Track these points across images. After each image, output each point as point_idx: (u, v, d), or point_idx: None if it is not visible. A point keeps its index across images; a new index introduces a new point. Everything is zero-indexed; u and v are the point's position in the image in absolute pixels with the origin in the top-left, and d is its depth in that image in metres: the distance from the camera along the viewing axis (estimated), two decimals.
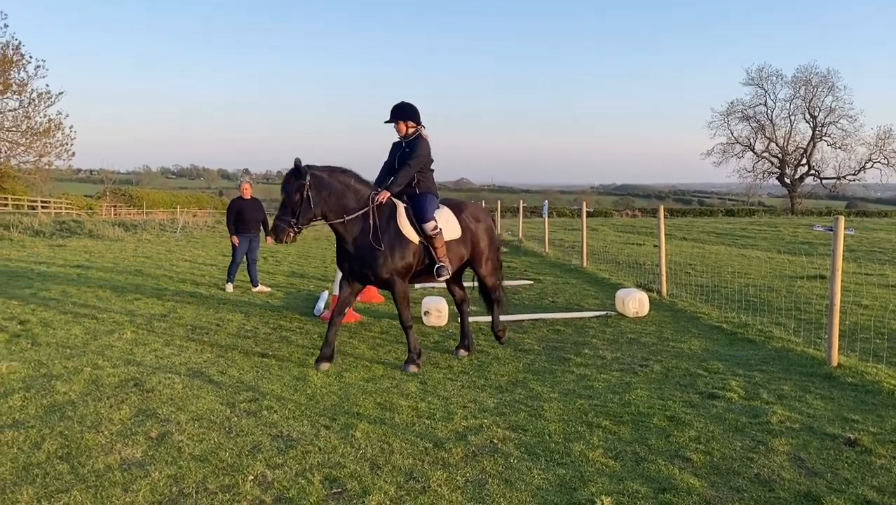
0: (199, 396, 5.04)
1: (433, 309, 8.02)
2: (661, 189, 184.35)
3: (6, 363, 5.74)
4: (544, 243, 17.87)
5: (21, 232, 21.17)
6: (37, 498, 3.36)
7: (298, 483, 3.60)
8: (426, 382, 5.59)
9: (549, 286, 11.42)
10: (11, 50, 40.86)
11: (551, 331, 7.71)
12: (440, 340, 7.20)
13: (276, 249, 18.96)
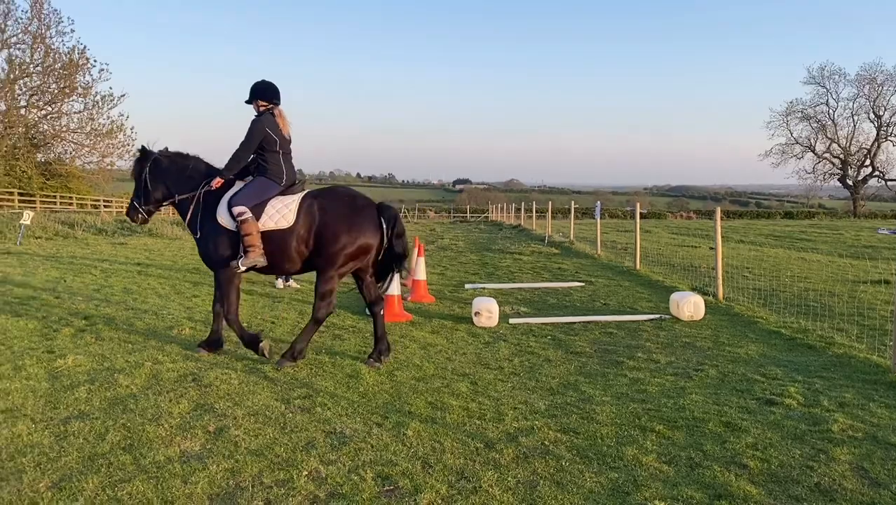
0: (255, 392, 5.15)
1: (483, 310, 8.02)
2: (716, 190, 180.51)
3: (72, 357, 5.96)
4: (596, 245, 17.69)
5: (85, 230, 21.90)
6: (102, 487, 3.48)
7: (351, 479, 3.65)
8: (476, 383, 5.59)
9: (601, 288, 11.30)
10: (77, 54, 42.39)
11: (603, 333, 7.63)
12: (490, 341, 7.20)
13: None
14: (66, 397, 4.89)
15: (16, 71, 40.56)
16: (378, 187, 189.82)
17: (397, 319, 8.17)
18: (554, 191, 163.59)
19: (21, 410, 4.60)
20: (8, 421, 4.39)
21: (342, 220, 5.99)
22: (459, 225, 43.80)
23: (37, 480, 3.54)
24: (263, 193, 6.07)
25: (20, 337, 6.74)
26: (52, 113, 43.27)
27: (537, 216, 31.82)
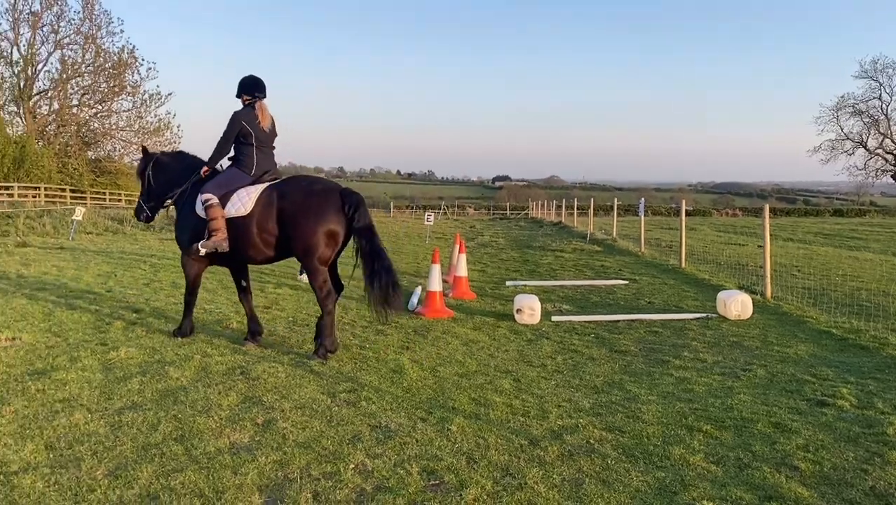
0: (302, 386, 5.22)
1: (525, 307, 8.00)
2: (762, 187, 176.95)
3: (124, 349, 6.12)
4: (639, 242, 17.49)
5: (134, 226, 22.42)
6: (156, 476, 3.58)
7: (397, 473, 3.68)
8: (520, 380, 5.59)
9: (646, 286, 11.18)
10: (126, 54, 43.46)
11: (648, 332, 7.55)
12: (533, 339, 7.18)
13: None
14: (119, 388, 5.03)
15: (68, 71, 41.77)
16: (417, 184, 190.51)
17: (439, 315, 8.20)
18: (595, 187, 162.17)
19: (77, 400, 4.75)
20: (66, 410, 4.53)
21: (299, 206, 6.09)
22: (499, 222, 43.72)
23: (94, 468, 3.65)
24: (232, 183, 6.34)
25: (75, 329, 6.95)
26: (102, 111, 44.48)
27: (578, 213, 31.60)
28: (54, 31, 41.10)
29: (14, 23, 39.88)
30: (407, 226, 33.52)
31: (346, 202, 6.18)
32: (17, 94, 40.82)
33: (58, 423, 4.30)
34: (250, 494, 3.40)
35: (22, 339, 6.40)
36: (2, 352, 5.96)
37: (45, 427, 4.22)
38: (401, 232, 27.81)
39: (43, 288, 9.45)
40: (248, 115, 6.38)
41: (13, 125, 40.90)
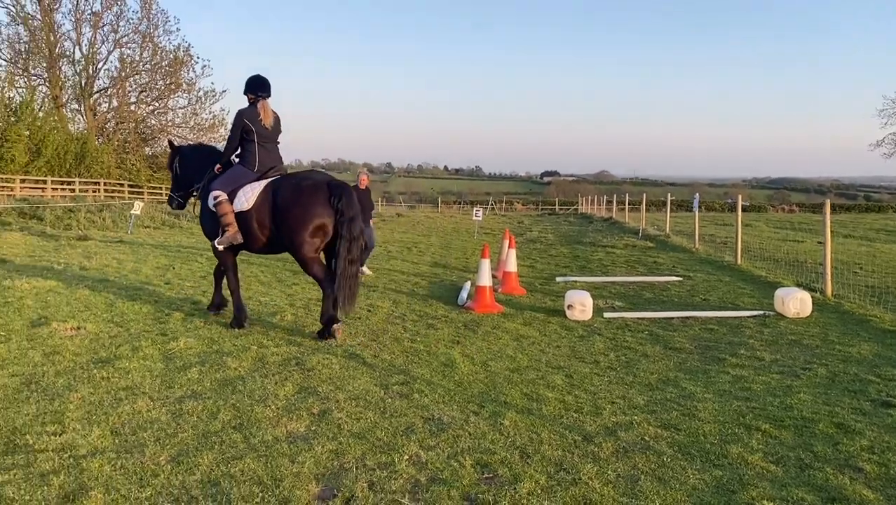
0: (355, 377, 5.29)
1: (577, 303, 7.94)
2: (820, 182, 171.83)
3: (183, 339, 6.29)
4: (693, 238, 17.18)
5: (189, 220, 22.95)
6: (216, 463, 3.67)
7: (451, 465, 3.70)
8: (572, 376, 5.55)
9: (700, 283, 10.98)
10: (182, 52, 44.47)
11: (703, 330, 7.41)
12: (585, 335, 7.12)
13: (418, 241, 19.48)
14: (179, 377, 5.17)
15: (127, 69, 42.93)
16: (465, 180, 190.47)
17: (489, 310, 8.20)
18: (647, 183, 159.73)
19: (140, 388, 4.90)
20: (129, 397, 4.68)
21: (290, 201, 6.38)
22: (548, 217, 43.43)
23: (157, 454, 3.76)
24: (238, 179, 6.71)
25: (136, 320, 7.16)
26: (159, 108, 45.60)
27: (630, 208, 31.18)
28: (114, 31, 42.32)
29: (76, 23, 41.20)
30: (455, 221, 33.58)
31: (333, 194, 6.39)
32: (78, 93, 42.15)
33: (122, 409, 4.44)
34: (307, 482, 3.46)
35: (86, 328, 6.63)
36: (68, 341, 6.18)
37: (111, 413, 4.36)
38: (449, 227, 27.87)
39: (104, 280, 9.76)
40: (251, 114, 6.70)
41: (75, 122, 42.32)
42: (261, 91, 6.80)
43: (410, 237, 21.18)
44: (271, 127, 6.80)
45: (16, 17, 38.74)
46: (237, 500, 3.26)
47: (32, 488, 3.32)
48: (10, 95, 31.02)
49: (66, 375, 5.16)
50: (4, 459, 3.65)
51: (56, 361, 5.52)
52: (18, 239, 15.63)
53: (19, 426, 4.12)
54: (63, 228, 18.87)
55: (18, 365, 5.40)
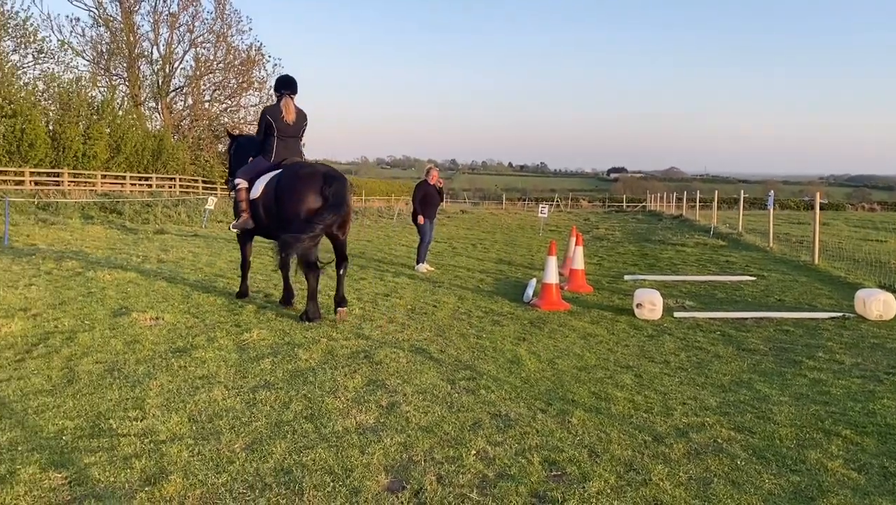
0: (422, 371, 5.33)
1: (646, 302, 7.80)
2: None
3: (256, 331, 6.46)
4: (768, 237, 16.65)
5: None
6: (289, 452, 3.76)
7: (519, 462, 3.69)
8: (641, 376, 5.46)
9: (775, 283, 10.63)
10: (254, 51, 45.58)
11: (778, 331, 7.18)
12: (654, 335, 6.99)
13: (482, 238, 19.47)
14: (253, 368, 5.32)
15: (201, 68, 44.26)
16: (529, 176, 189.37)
17: (555, 308, 8.14)
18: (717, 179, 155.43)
19: (216, 377, 5.05)
20: (205, 386, 4.84)
21: (287, 189, 6.80)
22: (615, 215, 42.79)
23: (232, 442, 3.88)
24: (256, 169, 7.31)
25: (211, 311, 7.39)
26: (232, 106, 46.86)
27: (700, 206, 30.43)
28: (190, 31, 43.69)
29: (154, 24, 42.71)
30: (519, 218, 33.44)
31: (326, 182, 6.71)
32: (156, 91, 43.69)
33: (199, 398, 4.59)
34: (377, 473, 3.51)
35: (164, 319, 6.88)
36: (147, 331, 6.43)
37: (188, 401, 4.52)
38: (513, 224, 27.78)
39: (181, 272, 10.11)
40: (273, 110, 7.32)
41: (152, 120, 43.87)
42: (285, 89, 7.36)
43: (475, 234, 21.20)
44: (293, 123, 7.32)
45: (98, 19, 40.45)
46: (309, 488, 3.33)
47: (116, 471, 3.47)
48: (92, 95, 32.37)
49: (146, 364, 5.36)
50: (90, 442, 3.82)
51: (136, 350, 5.75)
52: (100, 232, 16.34)
53: (103, 411, 4.31)
54: (141, 222, 19.63)
55: (102, 353, 5.65)
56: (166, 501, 3.18)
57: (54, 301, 7.62)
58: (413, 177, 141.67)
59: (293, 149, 7.40)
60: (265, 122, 7.32)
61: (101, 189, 27.34)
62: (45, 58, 33.03)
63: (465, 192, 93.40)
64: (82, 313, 7.06)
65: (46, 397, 4.53)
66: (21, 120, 24.77)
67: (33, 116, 25.57)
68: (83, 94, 30.75)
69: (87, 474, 3.41)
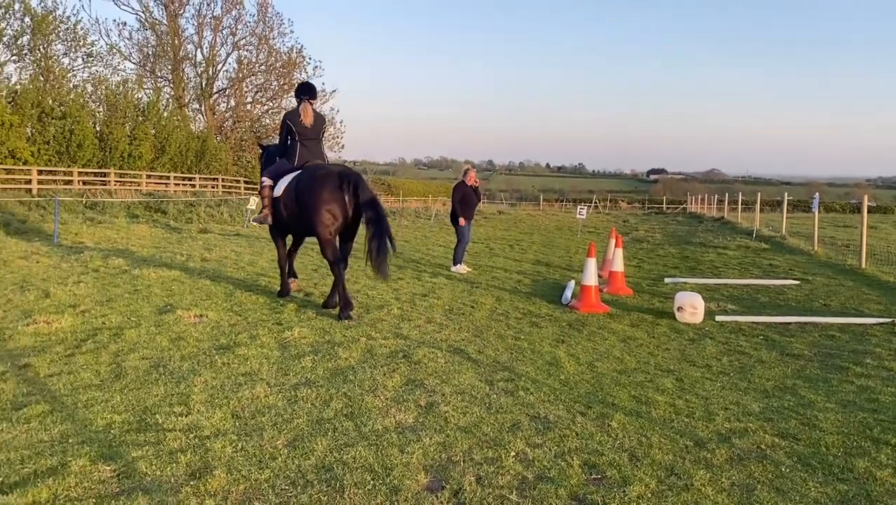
0: (460, 372, 5.35)
1: (687, 305, 7.70)
2: None
3: (297, 329, 6.54)
4: (812, 240, 16.29)
5: None
6: (329, 449, 3.81)
7: (558, 464, 3.68)
8: (682, 380, 5.40)
9: (820, 287, 10.40)
10: (295, 53, 46.12)
11: (824, 336, 7.03)
12: (695, 338, 6.90)
13: (520, 238, 19.42)
14: (294, 365, 5.39)
15: (244, 70, 44.94)
16: (567, 177, 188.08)
17: (594, 310, 8.09)
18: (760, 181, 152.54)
19: (258, 375, 5.14)
20: (248, 383, 4.92)
21: (305, 189, 7.17)
22: (654, 216, 42.29)
23: (274, 438, 3.94)
24: (280, 170, 7.72)
25: (253, 309, 7.51)
26: (273, 108, 47.43)
27: (742, 208, 29.91)
28: (233, 34, 44.38)
29: (199, 27, 43.47)
30: (557, 219, 33.26)
31: (344, 181, 7.07)
32: (199, 93, 44.48)
33: (241, 394, 4.67)
34: (416, 472, 3.53)
35: (208, 316, 7.01)
36: (191, 328, 6.56)
37: (231, 397, 4.60)
38: (551, 225, 27.64)
39: (224, 270, 10.29)
40: (293, 115, 7.67)
41: (195, 121, 44.65)
42: (304, 94, 7.76)
43: (512, 235, 21.15)
44: (311, 126, 7.69)
45: (145, 22, 41.35)
46: (350, 486, 3.37)
47: (163, 465, 3.55)
48: (138, 97, 33.09)
49: (191, 360, 5.48)
50: (138, 436, 3.92)
51: (181, 347, 5.88)
52: (145, 231, 16.70)
53: (150, 406, 4.42)
54: (185, 221, 20.01)
55: (148, 349, 5.78)
56: (211, 495, 3.25)
57: (102, 298, 7.82)
58: (450, 178, 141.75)
59: (314, 151, 7.77)
60: (286, 127, 7.70)
61: (146, 189, 27.94)
62: (94, 61, 33.89)
63: (502, 192, 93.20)
64: (129, 310, 7.23)
65: (95, 392, 4.66)
66: (70, 121, 25.45)
67: (82, 118, 26.25)
68: (130, 96, 31.45)
69: (134, 468, 3.50)
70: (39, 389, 4.69)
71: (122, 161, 28.88)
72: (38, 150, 23.72)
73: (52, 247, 12.78)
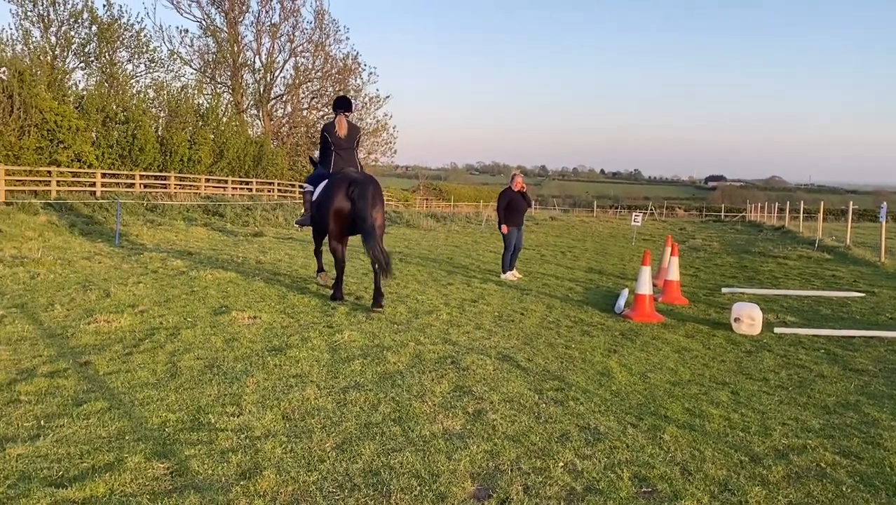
0: (509, 380, 5.30)
1: (745, 316, 7.49)
2: None
3: (347, 332, 6.60)
4: (879, 251, 15.70)
5: None
6: (377, 453, 3.82)
7: (608, 476, 3.61)
8: (738, 393, 5.25)
9: (887, 300, 10.00)
10: (350, 59, 46.71)
11: (890, 351, 6.75)
12: (753, 350, 6.71)
13: (572, 245, 19.23)
14: (343, 368, 5.43)
15: (300, 77, 45.72)
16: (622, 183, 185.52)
17: (648, 320, 7.94)
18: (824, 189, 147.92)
19: (308, 377, 5.19)
20: (298, 385, 4.98)
21: (326, 192, 8.20)
22: (712, 224, 41.37)
23: (323, 441, 3.97)
24: (319, 178, 8.68)
25: (305, 312, 7.61)
26: (328, 114, 48.05)
27: (804, 217, 29.03)
28: (290, 41, 45.18)
29: (257, 34, 44.43)
30: (611, 226, 32.83)
31: (351, 186, 7.90)
32: (257, 99, 45.41)
33: (292, 396, 4.73)
34: (463, 480, 3.51)
35: (261, 318, 7.13)
36: (245, 329, 6.67)
37: (282, 399, 4.66)
38: (605, 232, 27.30)
39: (277, 273, 10.45)
40: (329, 127, 8.63)
41: (253, 127, 45.60)
42: (340, 108, 8.73)
43: (564, 241, 20.96)
44: (345, 136, 8.60)
45: (206, 29, 42.44)
46: (396, 491, 3.37)
47: (214, 464, 3.62)
48: (198, 102, 33.93)
49: (244, 361, 5.57)
50: (190, 435, 4.00)
51: (235, 347, 5.98)
52: (203, 233, 17.10)
53: (203, 406, 4.50)
54: (241, 225, 20.42)
55: (202, 349, 5.90)
56: (260, 495, 3.28)
57: (160, 298, 8.03)
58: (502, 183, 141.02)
59: (348, 159, 8.66)
60: (323, 138, 8.63)
61: (204, 192, 28.62)
62: (156, 67, 34.90)
63: (554, 198, 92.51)
64: (185, 311, 7.41)
65: (151, 390, 4.77)
66: (133, 126, 26.24)
67: (144, 122, 27.05)
68: (190, 102, 32.28)
69: (187, 466, 3.57)
70: (99, 386, 4.83)
71: (182, 165, 29.63)
72: (102, 154, 24.51)
73: (113, 248, 13.20)
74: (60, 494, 3.22)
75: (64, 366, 5.29)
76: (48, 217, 16.50)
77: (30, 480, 3.35)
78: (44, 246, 12.60)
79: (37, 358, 5.49)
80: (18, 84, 20.46)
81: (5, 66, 21.17)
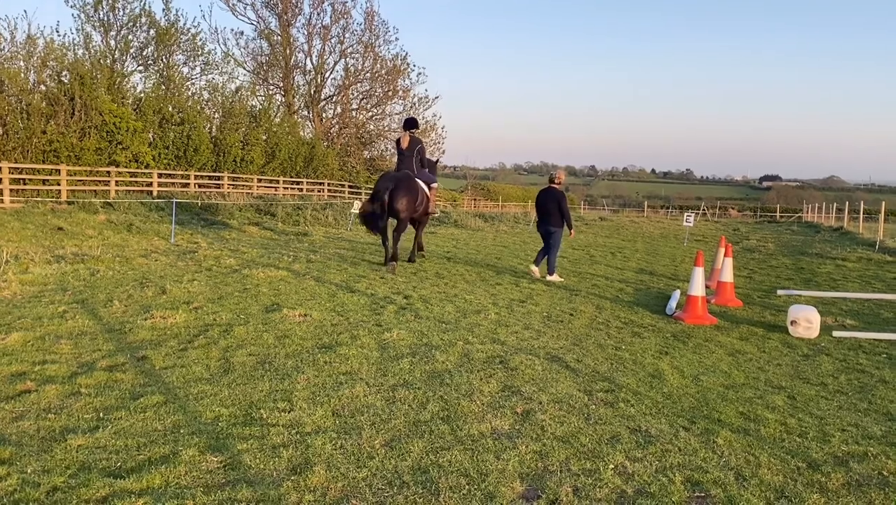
0: (558, 380, 5.26)
1: (801, 319, 7.29)
2: None
3: (396, 331, 6.64)
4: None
5: None
6: (425, 451, 3.83)
7: (659, 480, 3.56)
8: (795, 398, 5.11)
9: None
10: (399, 60, 46.98)
11: None
12: (810, 354, 6.52)
13: (622, 246, 19.00)
14: (392, 367, 5.47)
15: (350, 78, 46.17)
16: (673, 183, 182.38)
17: (701, 322, 7.79)
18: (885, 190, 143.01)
19: (358, 374, 5.24)
20: (348, 382, 5.03)
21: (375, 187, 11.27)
22: (767, 225, 40.37)
23: (372, 438, 4.00)
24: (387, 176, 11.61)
25: (354, 310, 7.68)
26: (377, 114, 48.49)
27: (864, 218, 28.10)
28: (340, 42, 45.67)
29: (308, 36, 45.02)
30: (662, 227, 32.31)
31: (386, 183, 11.06)
32: (308, 100, 46.05)
33: (342, 393, 4.78)
34: (512, 480, 3.49)
35: (312, 316, 7.22)
36: (296, 326, 6.77)
37: (332, 396, 4.71)
38: (655, 233, 26.87)
39: (327, 272, 10.58)
40: (398, 139, 11.86)
41: (304, 128, 46.24)
42: (406, 127, 12.02)
43: (614, 242, 20.71)
44: (406, 148, 11.71)
45: (260, 32, 43.23)
46: (445, 490, 3.37)
47: (266, 459, 3.68)
48: (251, 103, 34.58)
49: (295, 358, 5.65)
50: (243, 430, 4.07)
51: (286, 344, 6.08)
52: (255, 232, 17.42)
53: (255, 401, 4.58)
54: (292, 224, 20.72)
55: (255, 346, 6.01)
56: (310, 490, 3.33)
57: (214, 296, 8.20)
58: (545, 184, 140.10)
59: (406, 164, 11.72)
60: (395, 146, 12.08)
61: (256, 192, 29.15)
62: (211, 69, 35.65)
63: (603, 198, 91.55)
64: (238, 308, 7.55)
65: (205, 385, 4.88)
66: (188, 127, 26.88)
67: (199, 124, 27.68)
68: (243, 103, 32.92)
69: (239, 460, 3.64)
70: (155, 381, 4.96)
71: (235, 165, 30.23)
72: (158, 155, 25.17)
73: (169, 246, 13.54)
74: (118, 484, 3.32)
75: (122, 360, 5.45)
76: (107, 216, 17.03)
77: (89, 471, 3.46)
78: (103, 244, 13.01)
79: (96, 352, 5.67)
80: (80, 87, 21.15)
81: (67, 69, 21.89)
